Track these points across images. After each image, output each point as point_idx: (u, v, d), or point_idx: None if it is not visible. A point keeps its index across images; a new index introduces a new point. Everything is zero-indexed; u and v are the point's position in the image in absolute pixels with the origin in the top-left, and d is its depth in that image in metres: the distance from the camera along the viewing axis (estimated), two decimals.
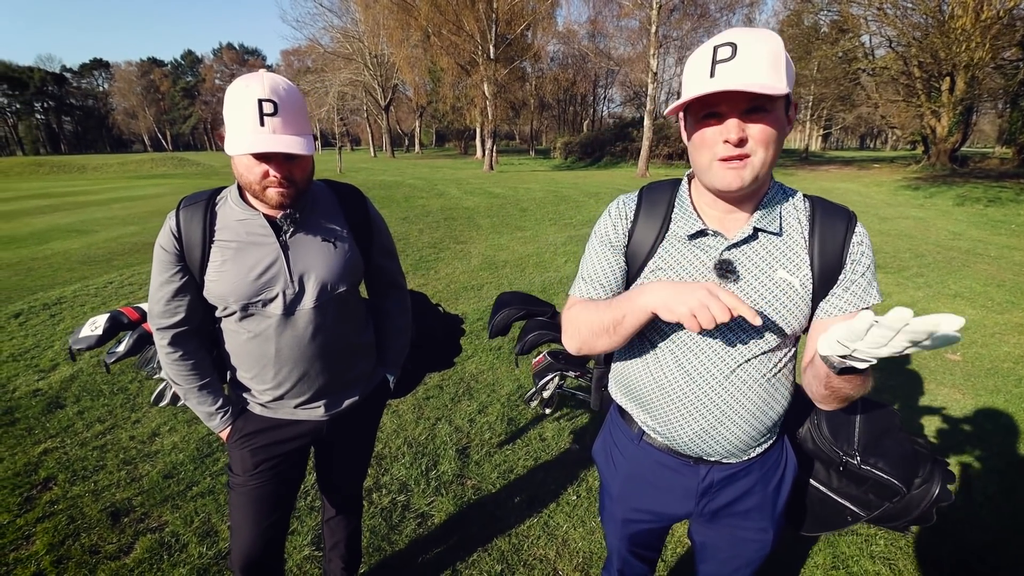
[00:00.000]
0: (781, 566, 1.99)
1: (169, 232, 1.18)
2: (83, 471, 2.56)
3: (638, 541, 1.23)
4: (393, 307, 1.53)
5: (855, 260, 0.91)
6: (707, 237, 0.94)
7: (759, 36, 0.79)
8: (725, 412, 0.98)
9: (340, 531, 1.67)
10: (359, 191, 1.38)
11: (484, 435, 2.86)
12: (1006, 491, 2.41)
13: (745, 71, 0.77)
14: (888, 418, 1.12)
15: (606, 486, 1.24)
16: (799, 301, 0.92)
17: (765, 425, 1.01)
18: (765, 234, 0.93)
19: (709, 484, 1.06)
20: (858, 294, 0.91)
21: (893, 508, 1.07)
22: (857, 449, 1.07)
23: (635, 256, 1.00)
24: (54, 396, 3.31)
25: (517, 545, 2.09)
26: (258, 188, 1.10)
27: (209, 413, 1.32)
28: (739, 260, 0.92)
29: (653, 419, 1.06)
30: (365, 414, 1.51)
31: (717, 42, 0.80)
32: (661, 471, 1.09)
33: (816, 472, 1.14)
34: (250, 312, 1.22)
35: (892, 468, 1.05)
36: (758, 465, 1.06)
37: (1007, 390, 3.36)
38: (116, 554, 2.05)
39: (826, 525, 1.15)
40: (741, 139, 0.81)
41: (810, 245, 0.92)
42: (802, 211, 0.94)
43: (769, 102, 0.80)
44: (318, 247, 1.25)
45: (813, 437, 1.11)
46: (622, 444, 1.16)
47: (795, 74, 0.82)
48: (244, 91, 1.03)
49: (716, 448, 1.02)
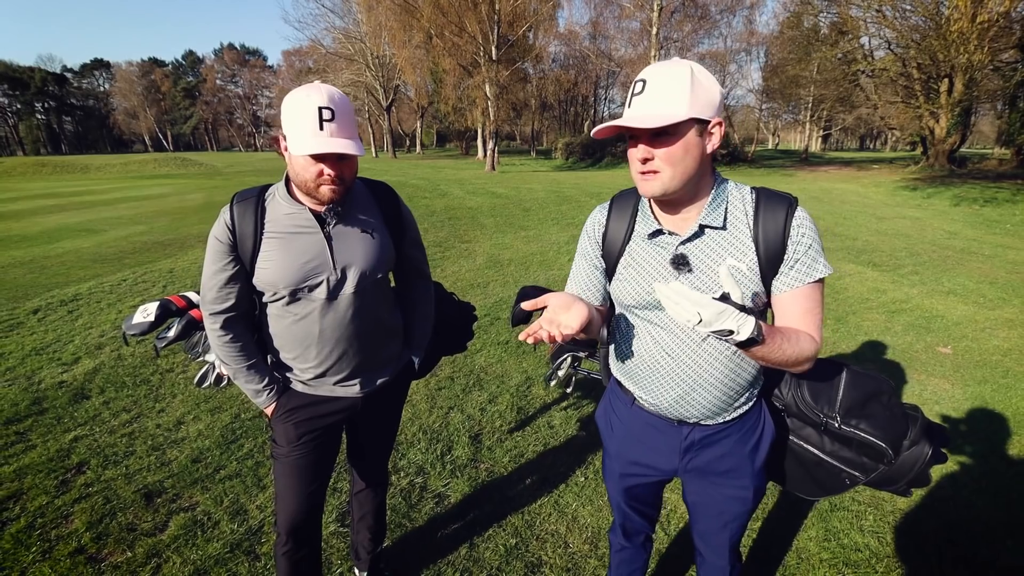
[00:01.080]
0: (776, 539, 2.13)
1: (224, 225, 1.32)
2: (114, 456, 2.70)
3: (634, 495, 1.38)
4: (420, 294, 1.67)
5: (796, 241, 1.04)
6: (664, 236, 1.11)
7: (666, 71, 0.97)
8: (697, 381, 1.13)
9: (368, 504, 1.81)
10: (391, 188, 1.52)
11: (495, 423, 3.00)
12: (989, 473, 2.55)
13: (649, 104, 0.97)
14: (875, 384, 1.21)
15: (606, 447, 1.41)
16: (748, 283, 1.06)
17: (735, 391, 1.16)
18: (710, 229, 1.07)
19: (690, 443, 1.22)
20: (803, 270, 1.05)
21: (888, 471, 1.17)
22: (838, 412, 1.17)
23: (611, 253, 1.20)
24: (79, 387, 3.45)
25: (530, 521, 2.23)
26: (312, 185, 1.24)
27: (257, 390, 1.45)
28: (692, 254, 1.08)
29: (640, 388, 1.23)
30: (394, 393, 1.65)
31: (637, 77, 1.01)
32: (650, 431, 1.26)
33: (809, 437, 1.25)
34: (297, 297, 1.36)
35: (876, 430, 1.15)
36: (735, 428, 1.20)
37: (994, 380, 3.50)
38: (152, 531, 2.18)
39: (827, 489, 1.26)
40: (646, 159, 1.00)
41: (754, 233, 1.06)
42: (748, 203, 1.08)
43: (673, 127, 0.96)
44: (358, 238, 1.39)
45: (796, 401, 1.24)
46: (618, 409, 1.33)
47: (717, 95, 0.99)
48: (305, 100, 1.16)
49: (693, 411, 1.17)
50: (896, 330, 4.41)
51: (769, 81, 31.08)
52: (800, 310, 1.05)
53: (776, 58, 29.61)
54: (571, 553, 2.07)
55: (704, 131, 1.00)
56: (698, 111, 0.96)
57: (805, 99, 28.89)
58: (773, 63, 30.62)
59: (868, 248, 7.58)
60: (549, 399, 3.26)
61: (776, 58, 29.61)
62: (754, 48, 36.02)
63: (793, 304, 1.06)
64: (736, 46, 35.76)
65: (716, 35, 33.96)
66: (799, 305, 1.06)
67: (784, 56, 26.32)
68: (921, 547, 2.09)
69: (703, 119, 0.98)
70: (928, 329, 4.44)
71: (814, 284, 1.05)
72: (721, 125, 1.02)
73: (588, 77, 43.28)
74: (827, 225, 9.48)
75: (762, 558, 2.04)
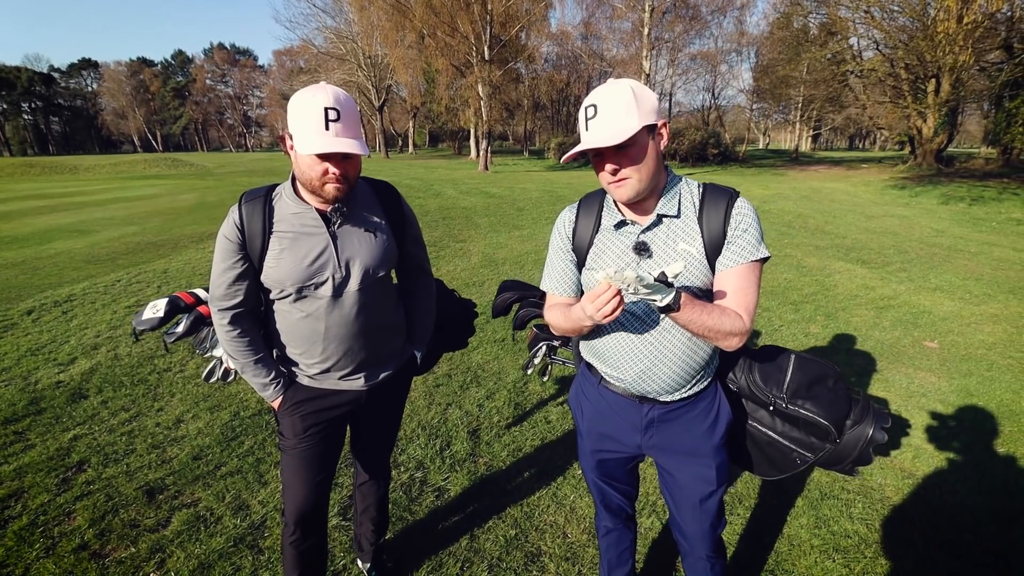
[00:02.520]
0: (767, 527, 2.19)
1: (233, 224, 1.35)
2: (114, 455, 2.71)
3: (607, 471, 1.47)
4: (421, 290, 1.71)
5: (735, 226, 1.17)
6: (627, 226, 1.23)
7: (612, 93, 1.09)
8: (658, 357, 1.24)
9: (371, 495, 1.85)
10: (393, 187, 1.56)
11: (493, 418, 3.04)
12: (973, 461, 2.63)
13: (606, 124, 1.09)
14: (822, 369, 1.33)
15: (578, 427, 1.50)
16: (698, 264, 1.18)
17: (693, 368, 1.27)
18: (667, 218, 1.20)
19: (650, 420, 1.33)
20: (738, 251, 1.16)
21: (834, 450, 1.28)
22: (785, 393, 1.30)
23: (580, 247, 1.31)
24: (76, 387, 3.45)
25: (529, 512, 2.28)
26: (318, 184, 1.28)
27: (264, 384, 1.49)
28: (652, 240, 1.21)
29: (607, 365, 1.34)
30: (396, 387, 1.69)
31: (586, 103, 1.13)
32: (614, 409, 1.37)
33: (761, 419, 1.36)
34: (304, 294, 1.39)
35: (820, 408, 1.26)
36: (691, 406, 1.31)
37: (979, 373, 3.59)
38: (155, 527, 2.21)
39: (778, 467, 1.37)
40: (615, 170, 1.13)
41: (699, 221, 1.19)
42: (696, 195, 1.22)
43: (631, 138, 1.08)
44: (361, 237, 1.43)
45: (748, 384, 1.35)
46: (587, 390, 1.44)
47: (655, 102, 1.13)
48: (312, 100, 1.20)
49: (654, 386, 1.27)
50: (884, 325, 4.50)
51: (759, 81, 31.34)
52: (734, 288, 1.16)
53: (766, 58, 29.90)
54: (569, 543, 2.12)
55: (654, 133, 1.14)
56: (645, 119, 1.09)
57: (795, 99, 29.15)
58: (763, 63, 30.90)
59: (857, 246, 7.70)
60: (546, 395, 3.31)
61: (766, 58, 29.90)
62: (744, 49, 36.38)
63: (728, 282, 1.17)
64: (727, 46, 36.11)
65: (707, 36, 34.30)
66: (733, 283, 1.17)
67: (774, 57, 26.59)
68: (907, 533, 2.16)
69: (651, 124, 1.11)
70: (915, 324, 4.54)
71: (749, 265, 1.16)
72: (666, 125, 1.16)
73: (581, 77, 43.41)
74: (817, 223, 9.61)
75: (754, 546, 2.10)
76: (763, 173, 21.92)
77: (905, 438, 2.85)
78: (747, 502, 2.34)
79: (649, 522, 2.22)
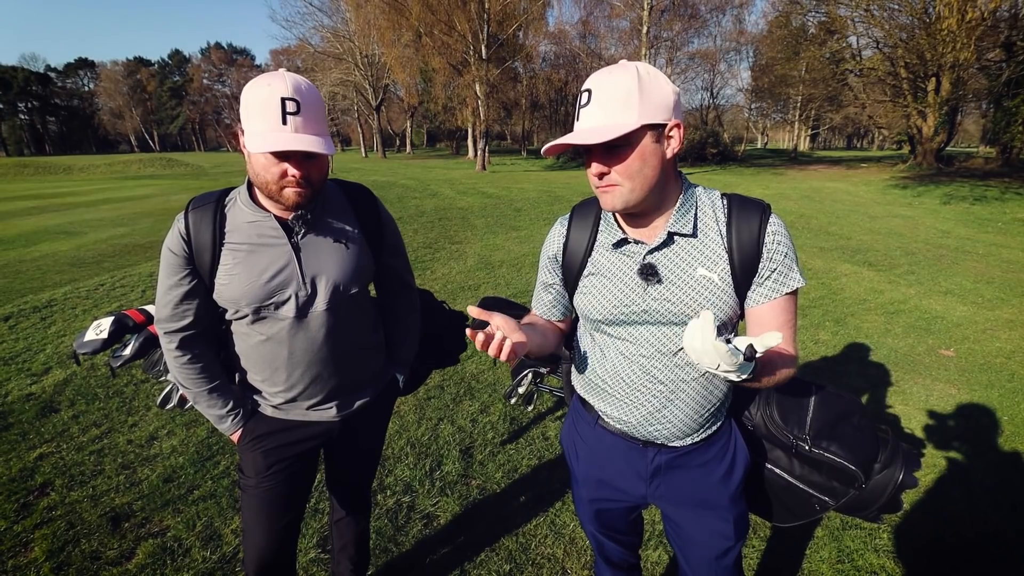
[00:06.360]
0: (787, 560, 2.01)
1: (178, 235, 1.17)
2: (80, 476, 2.53)
3: (606, 521, 1.28)
4: (402, 306, 1.53)
5: (771, 250, 0.97)
6: (629, 244, 1.03)
7: (611, 78, 0.88)
8: (670, 397, 1.05)
9: (349, 532, 1.66)
10: (369, 190, 1.37)
11: (487, 435, 2.86)
12: (1003, 484, 2.45)
13: (597, 116, 0.89)
14: (846, 404, 1.16)
15: (572, 471, 1.30)
16: (721, 294, 0.98)
17: (707, 408, 1.08)
18: (680, 237, 0.99)
19: (657, 467, 1.12)
20: (779, 280, 0.98)
21: (859, 495, 1.11)
22: (808, 433, 1.11)
23: (571, 265, 1.12)
24: (48, 400, 3.26)
25: (524, 544, 2.09)
26: (275, 188, 1.09)
27: (220, 416, 1.30)
28: (661, 263, 1.00)
29: (607, 404, 1.13)
30: (375, 414, 1.50)
31: (584, 86, 0.92)
32: (614, 453, 1.16)
33: (778, 460, 1.17)
34: (262, 315, 1.21)
35: (846, 452, 1.09)
36: (702, 451, 1.11)
37: (1000, 385, 3.41)
38: (118, 559, 2.02)
39: (796, 515, 1.19)
40: (601, 174, 0.93)
41: (728, 241, 0.98)
42: (720, 209, 1.01)
43: (624, 138, 0.88)
44: (330, 248, 1.24)
45: (765, 422, 1.16)
46: (582, 429, 1.23)
47: (670, 96, 0.89)
48: (267, 89, 1.01)
49: (662, 430, 1.08)
50: (896, 332, 4.32)
51: (758, 80, 31.21)
52: (776, 324, 0.99)
53: (765, 57, 29.73)
54: None
55: (661, 136, 0.92)
56: (650, 116, 0.88)
57: (794, 98, 28.99)
58: (762, 62, 30.76)
59: (863, 248, 7.53)
60: (543, 408, 3.12)
61: (765, 57, 29.73)
62: (743, 47, 36.21)
63: (769, 317, 1.00)
64: (726, 45, 35.92)
65: (706, 34, 34.09)
66: (775, 318, 1.00)
67: (773, 55, 26.40)
68: (939, 568, 1.97)
69: (657, 123, 0.89)
70: (929, 331, 4.36)
71: (789, 295, 1.00)
72: (680, 127, 0.92)
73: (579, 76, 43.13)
74: (821, 224, 9.44)
75: None
76: (762, 173, 21.75)
77: (931, 459, 2.66)
78: (762, 532, 2.15)
79: (656, 555, 2.04)
